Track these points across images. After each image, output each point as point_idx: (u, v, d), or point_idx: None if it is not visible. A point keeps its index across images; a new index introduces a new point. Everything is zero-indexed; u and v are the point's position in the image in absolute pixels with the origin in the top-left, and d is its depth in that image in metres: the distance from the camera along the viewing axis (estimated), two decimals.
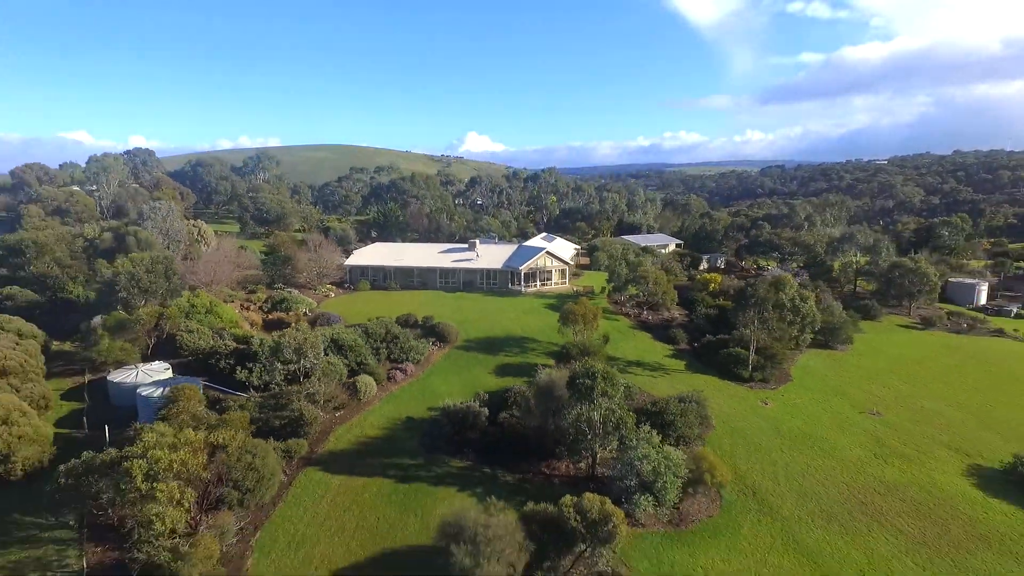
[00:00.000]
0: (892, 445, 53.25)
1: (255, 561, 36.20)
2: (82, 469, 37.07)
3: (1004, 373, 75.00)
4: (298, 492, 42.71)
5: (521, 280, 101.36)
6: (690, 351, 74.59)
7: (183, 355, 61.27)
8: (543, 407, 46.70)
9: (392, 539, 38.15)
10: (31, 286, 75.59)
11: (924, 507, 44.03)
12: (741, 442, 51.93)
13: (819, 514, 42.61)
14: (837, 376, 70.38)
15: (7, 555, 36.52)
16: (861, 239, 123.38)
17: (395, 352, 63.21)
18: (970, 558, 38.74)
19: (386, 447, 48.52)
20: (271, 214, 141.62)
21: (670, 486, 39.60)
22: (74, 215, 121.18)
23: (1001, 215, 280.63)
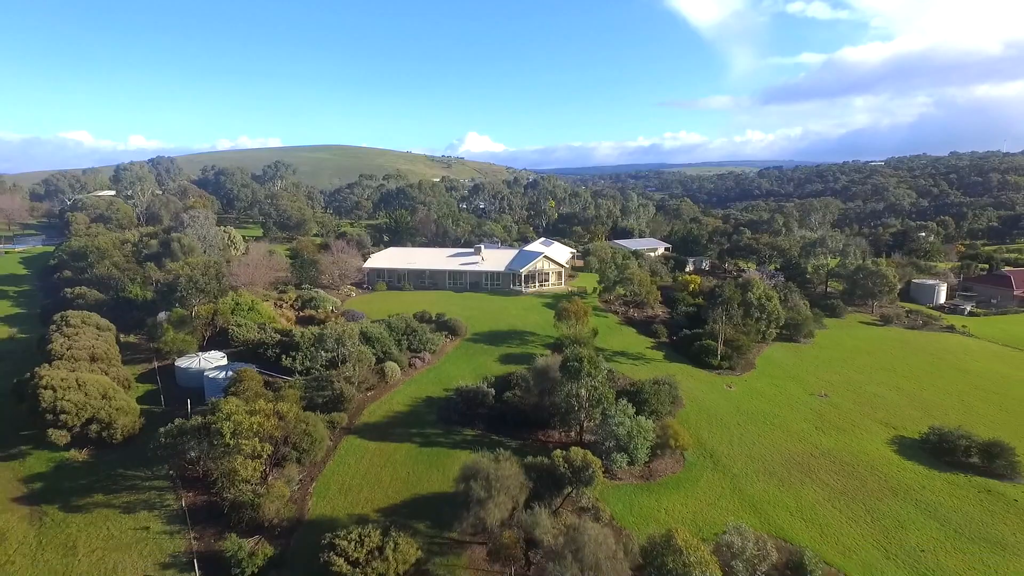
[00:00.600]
0: (832, 420, 62.21)
1: (314, 503, 45.15)
2: (177, 432, 46.06)
3: (944, 363, 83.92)
4: (342, 454, 51.66)
5: (521, 281, 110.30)
6: (669, 344, 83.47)
7: (234, 346, 70.22)
8: (540, 387, 55.62)
9: (420, 487, 47.11)
10: (95, 287, 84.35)
11: (849, 467, 52.98)
12: (705, 417, 60.88)
13: (762, 472, 51.56)
14: (796, 365, 79.24)
15: (119, 498, 45.48)
16: (831, 244, 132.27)
17: (414, 343, 72.16)
18: (879, 504, 47.70)
19: (411, 420, 57.48)
20: (292, 220, 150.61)
21: (641, 447, 48.59)
22: (115, 222, 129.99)
23: (985, 217, 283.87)
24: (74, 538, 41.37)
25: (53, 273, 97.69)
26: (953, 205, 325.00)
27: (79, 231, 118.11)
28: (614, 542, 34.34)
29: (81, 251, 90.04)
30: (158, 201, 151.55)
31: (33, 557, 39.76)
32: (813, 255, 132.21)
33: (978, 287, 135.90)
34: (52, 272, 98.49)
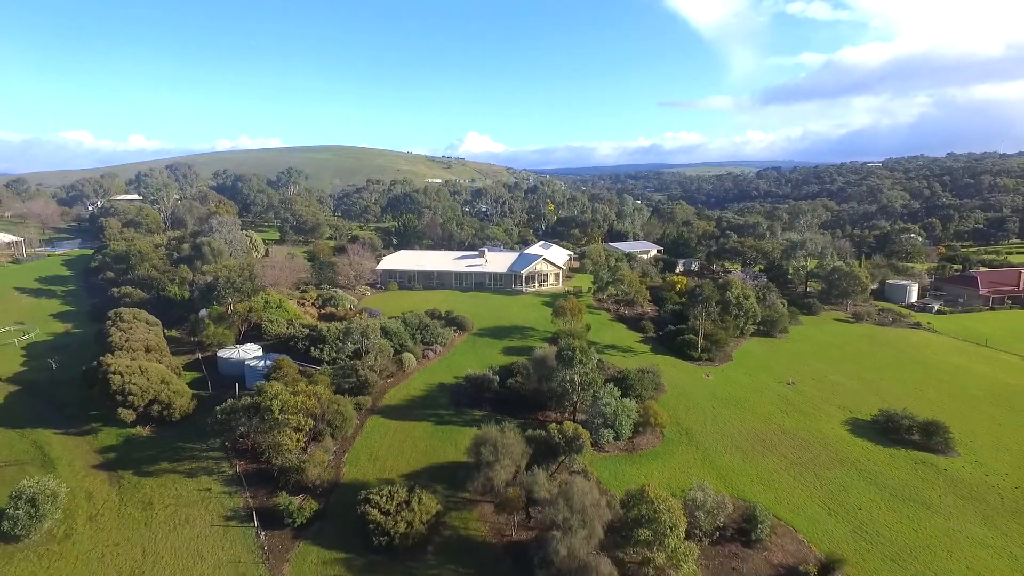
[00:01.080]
0: (796, 404, 69.40)
1: (347, 469, 52.31)
2: (230, 410, 53.19)
3: (905, 356, 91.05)
4: (368, 431, 58.82)
5: (522, 282, 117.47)
6: (655, 338, 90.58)
7: (266, 339, 77.37)
8: (538, 374, 62.79)
9: (436, 457, 54.29)
10: (137, 286, 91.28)
11: (805, 443, 60.16)
12: (684, 401, 68.04)
13: (730, 446, 58.72)
14: (769, 357, 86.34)
15: (182, 465, 52.66)
16: (811, 247, 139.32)
17: (427, 337, 79.31)
18: (827, 472, 54.87)
19: (426, 402, 64.66)
20: (307, 224, 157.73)
21: (625, 424, 55.76)
22: (144, 227, 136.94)
23: (972, 220, 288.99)
24: (149, 496, 48.58)
25: (95, 274, 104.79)
26: (943, 207, 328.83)
27: (113, 235, 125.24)
28: (599, 494, 41.58)
29: (123, 255, 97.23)
30: (182, 206, 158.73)
31: (118, 511, 46.98)
32: (794, 257, 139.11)
33: (948, 287, 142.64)
34: (94, 273, 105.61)
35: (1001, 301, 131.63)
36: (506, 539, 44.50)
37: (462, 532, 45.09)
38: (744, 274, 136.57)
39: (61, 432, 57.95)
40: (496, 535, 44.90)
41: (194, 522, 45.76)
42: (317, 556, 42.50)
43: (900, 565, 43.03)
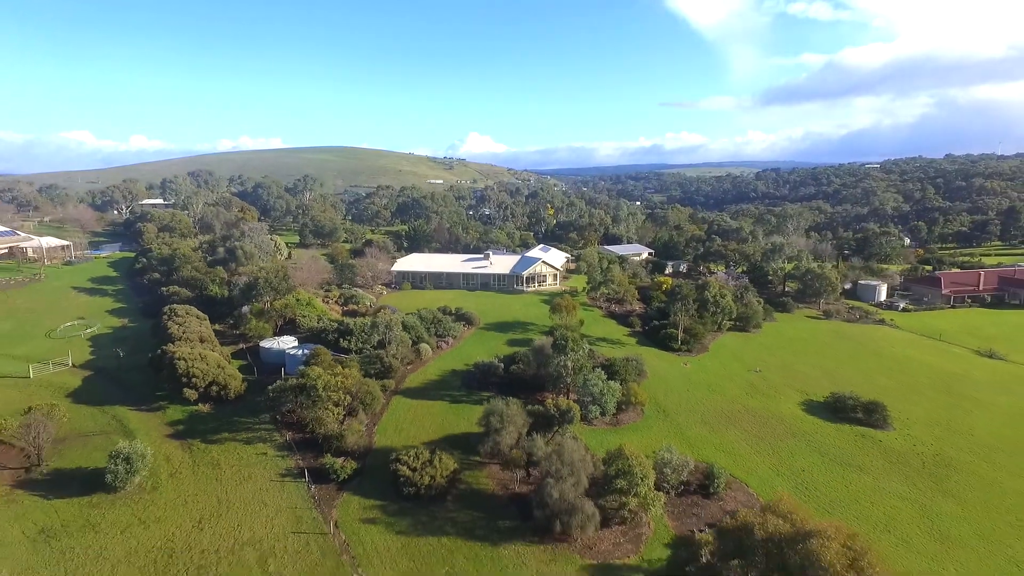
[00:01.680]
0: (760, 388, 78.28)
1: (378, 438, 61.23)
2: (279, 389, 62.17)
3: (864, 349, 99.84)
4: (393, 408, 67.73)
5: (523, 282, 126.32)
6: (642, 332, 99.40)
7: (300, 332, 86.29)
8: (537, 361, 71.65)
9: (451, 429, 63.17)
10: (182, 286, 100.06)
11: (764, 420, 69.03)
12: (663, 385, 76.90)
13: (699, 421, 67.60)
14: (742, 349, 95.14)
15: (240, 435, 61.59)
16: (788, 250, 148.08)
17: (440, 330, 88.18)
18: (780, 442, 63.75)
19: (441, 385, 73.59)
20: (325, 229, 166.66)
21: (609, 402, 64.64)
22: (178, 231, 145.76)
23: (958, 222, 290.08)
24: (216, 459, 57.58)
25: (139, 275, 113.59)
26: (932, 210, 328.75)
27: (150, 239, 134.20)
28: (585, 452, 50.52)
29: (168, 258, 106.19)
30: (210, 212, 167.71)
31: (192, 470, 55.99)
32: (773, 260, 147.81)
33: (915, 287, 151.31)
34: (138, 274, 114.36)
35: (962, 300, 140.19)
36: (510, 491, 53.40)
37: (474, 486, 54.02)
38: (727, 275, 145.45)
39: (134, 408, 67.01)
40: (502, 488, 53.82)
41: (255, 478, 54.74)
42: (358, 503, 51.47)
43: (830, 512, 51.80)
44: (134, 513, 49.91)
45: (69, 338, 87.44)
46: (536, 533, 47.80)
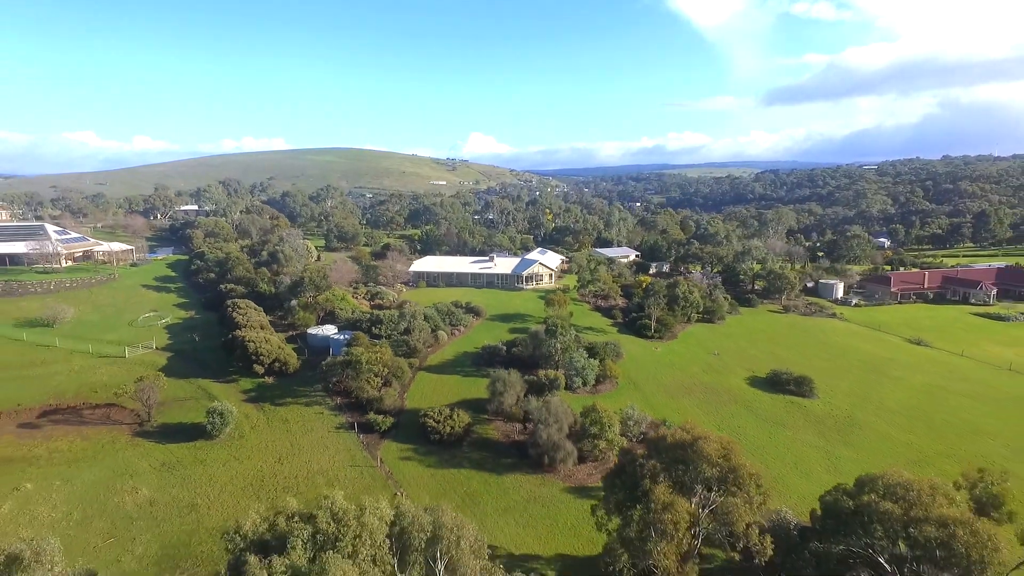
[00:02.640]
0: (715, 367, 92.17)
1: (408, 401, 75.29)
2: (331, 364, 76.28)
3: (811, 337, 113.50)
4: (418, 380, 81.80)
5: (523, 281, 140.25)
6: (623, 323, 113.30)
7: (338, 322, 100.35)
8: (533, 344, 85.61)
9: (465, 395, 77.11)
10: (236, 284, 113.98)
11: (715, 391, 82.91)
12: (635, 364, 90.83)
13: (662, 391, 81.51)
14: (706, 337, 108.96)
15: (300, 400, 75.73)
16: (756, 253, 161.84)
17: (453, 320, 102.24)
18: (724, 407, 77.63)
19: (456, 363, 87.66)
20: (348, 234, 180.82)
21: (590, 375, 78.65)
22: (220, 236, 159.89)
23: (936, 224, 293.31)
24: (284, 416, 71.75)
25: (195, 275, 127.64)
26: (916, 212, 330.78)
27: (199, 244, 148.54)
28: (566, 407, 64.60)
29: (222, 260, 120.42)
30: (247, 220, 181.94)
31: (267, 424, 70.14)
32: (743, 261, 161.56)
33: (869, 285, 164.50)
34: (194, 274, 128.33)
35: (908, 297, 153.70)
36: (511, 439, 67.46)
37: (483, 435, 68.09)
38: (702, 275, 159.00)
39: (213, 380, 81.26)
40: (504, 437, 67.89)
41: (316, 430, 68.89)
42: (396, 447, 65.57)
43: (753, 454, 65.45)
44: (230, 453, 64.13)
45: (148, 327, 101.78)
46: (530, 467, 61.91)
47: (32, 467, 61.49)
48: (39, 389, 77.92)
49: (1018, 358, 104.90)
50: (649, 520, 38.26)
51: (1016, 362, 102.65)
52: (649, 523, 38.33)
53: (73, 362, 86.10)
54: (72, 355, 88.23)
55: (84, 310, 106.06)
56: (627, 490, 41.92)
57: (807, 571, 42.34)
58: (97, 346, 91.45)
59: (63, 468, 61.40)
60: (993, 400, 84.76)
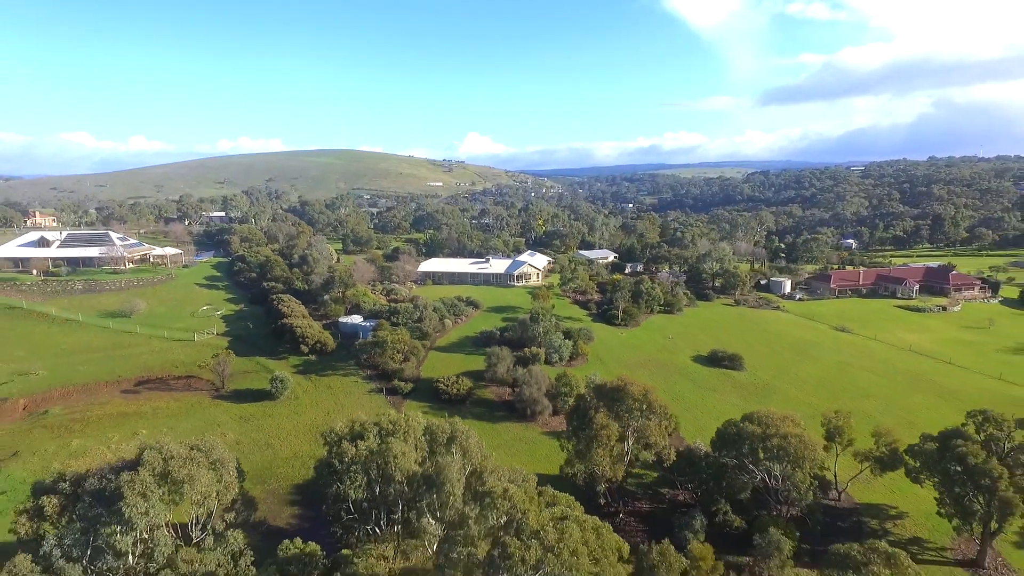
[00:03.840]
0: (668, 348, 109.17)
1: (423, 372, 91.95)
2: (363, 344, 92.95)
3: (754, 325, 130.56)
4: (430, 358, 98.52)
5: (514, 279, 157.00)
6: (596, 313, 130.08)
7: (363, 312, 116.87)
8: (521, 329, 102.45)
9: (467, 368, 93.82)
10: (276, 282, 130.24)
11: (664, 365, 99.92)
12: (603, 346, 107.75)
13: (622, 366, 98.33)
14: (665, 325, 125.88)
15: (338, 372, 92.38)
16: (716, 254, 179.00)
17: (456, 311, 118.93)
18: (670, 377, 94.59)
19: (459, 345, 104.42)
20: (362, 238, 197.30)
21: (565, 352, 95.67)
22: (253, 241, 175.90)
23: (900, 226, 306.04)
24: (327, 384, 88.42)
25: (237, 275, 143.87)
26: (886, 214, 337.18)
27: (237, 248, 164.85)
28: (545, 375, 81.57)
29: (262, 263, 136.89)
30: (274, 227, 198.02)
31: (315, 389, 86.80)
32: (705, 262, 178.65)
33: (813, 282, 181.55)
34: (236, 274, 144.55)
35: (845, 292, 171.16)
36: (502, 399, 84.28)
37: (481, 396, 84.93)
38: (669, 274, 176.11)
39: (268, 358, 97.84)
40: (497, 397, 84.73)
41: (353, 393, 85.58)
42: (416, 404, 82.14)
43: (687, 411, 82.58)
44: (289, 409, 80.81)
45: (207, 317, 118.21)
46: (517, 418, 78.77)
47: (142, 419, 78.06)
48: (131, 365, 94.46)
49: (919, 341, 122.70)
50: (592, 436, 55.22)
51: (916, 344, 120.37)
52: (592, 438, 55.30)
53: (153, 344, 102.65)
54: (151, 339, 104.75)
55: (152, 304, 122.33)
56: (580, 419, 58.84)
57: (704, 474, 59.48)
58: (169, 332, 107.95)
59: (165, 420, 77.96)
60: (885, 373, 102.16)
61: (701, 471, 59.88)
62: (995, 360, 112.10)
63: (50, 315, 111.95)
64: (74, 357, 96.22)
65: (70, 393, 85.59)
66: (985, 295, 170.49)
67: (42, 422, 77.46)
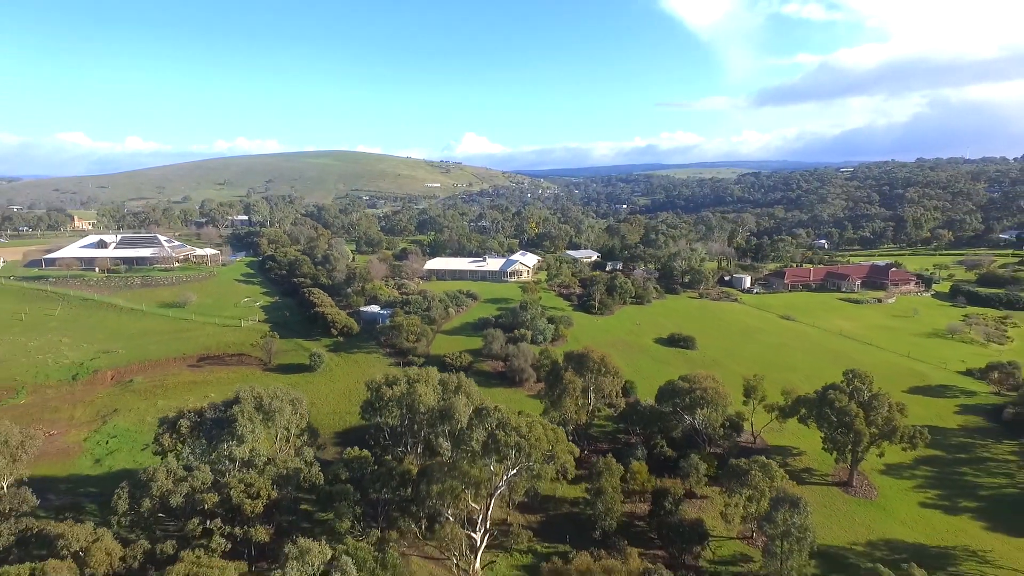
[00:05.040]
0: (635, 332, 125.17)
1: (432, 350, 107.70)
2: (383, 328, 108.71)
3: (711, 314, 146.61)
4: (437, 339, 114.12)
5: (508, 276, 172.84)
6: (577, 304, 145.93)
7: (379, 302, 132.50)
8: (512, 316, 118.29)
9: (468, 347, 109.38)
10: (304, 278, 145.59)
11: (630, 345, 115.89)
12: (581, 329, 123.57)
13: (596, 346, 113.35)
14: (635, 314, 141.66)
15: (362, 350, 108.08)
16: (684, 254, 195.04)
17: (458, 302, 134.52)
18: (633, 355, 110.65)
19: (461, 329, 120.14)
20: (374, 240, 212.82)
21: (548, 334, 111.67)
22: (279, 243, 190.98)
23: (870, 228, 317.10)
24: (355, 360, 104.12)
25: (269, 272, 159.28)
26: (860, 216, 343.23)
27: (265, 248, 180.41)
28: (531, 351, 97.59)
29: (292, 262, 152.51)
30: (295, 230, 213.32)
31: (346, 363, 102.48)
32: (674, 261, 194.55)
33: (770, 278, 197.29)
34: (268, 271, 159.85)
35: (797, 287, 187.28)
36: (496, 370, 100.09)
37: (479, 368, 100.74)
38: (643, 271, 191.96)
39: (304, 339, 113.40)
40: (493, 370, 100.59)
41: (376, 366, 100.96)
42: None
43: (646, 380, 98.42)
44: (326, 378, 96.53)
45: (248, 307, 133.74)
46: (508, 384, 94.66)
47: (208, 386, 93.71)
48: (192, 345, 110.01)
49: (849, 327, 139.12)
50: (562, 389, 71.22)
51: (846, 330, 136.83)
52: (563, 390, 71.30)
53: (207, 329, 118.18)
54: (204, 325, 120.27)
55: (200, 296, 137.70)
56: (554, 378, 74.86)
57: (647, 419, 75.58)
58: (219, 319, 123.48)
59: (227, 386, 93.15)
60: (813, 352, 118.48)
61: (645, 417, 76.06)
62: (908, 342, 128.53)
63: (118, 306, 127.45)
64: (144, 339, 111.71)
65: (147, 367, 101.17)
66: (919, 289, 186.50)
67: (130, 388, 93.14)
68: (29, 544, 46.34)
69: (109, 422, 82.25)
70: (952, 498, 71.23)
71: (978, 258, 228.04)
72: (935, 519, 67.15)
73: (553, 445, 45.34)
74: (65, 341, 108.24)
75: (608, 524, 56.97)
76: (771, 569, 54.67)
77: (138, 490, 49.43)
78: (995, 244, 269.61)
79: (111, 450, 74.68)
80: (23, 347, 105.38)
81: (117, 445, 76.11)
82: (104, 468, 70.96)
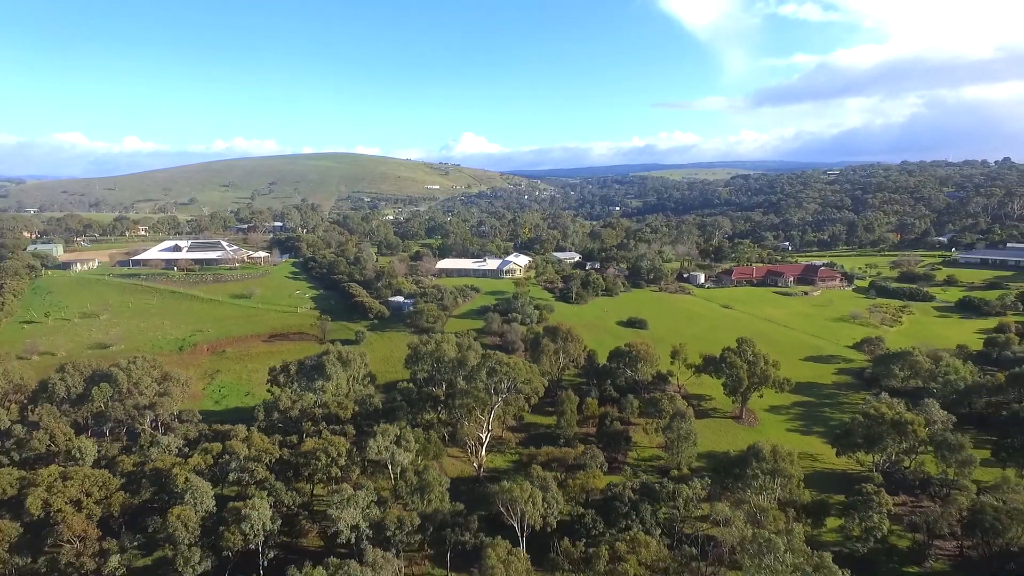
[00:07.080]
0: (602, 316, 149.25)
1: (446, 327, 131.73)
2: (409, 312, 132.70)
3: (667, 304, 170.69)
4: (449, 321, 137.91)
5: (504, 273, 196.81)
6: (559, 296, 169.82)
7: (402, 294, 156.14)
8: (507, 304, 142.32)
9: (473, 327, 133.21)
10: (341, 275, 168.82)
11: (597, 327, 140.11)
12: (561, 315, 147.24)
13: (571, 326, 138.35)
14: (605, 303, 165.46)
15: (395, 330, 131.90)
16: (649, 256, 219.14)
17: (464, 294, 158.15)
18: (599, 333, 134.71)
19: (467, 314, 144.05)
20: (391, 243, 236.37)
21: (534, 318, 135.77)
22: (316, 246, 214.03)
23: (829, 231, 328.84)
24: (388, 336, 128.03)
25: (311, 270, 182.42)
26: (825, 221, 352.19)
27: (305, 251, 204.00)
28: (520, 329, 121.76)
29: (331, 262, 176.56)
30: (326, 235, 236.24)
31: (380, 338, 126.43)
32: (641, 261, 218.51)
33: (721, 275, 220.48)
34: (310, 270, 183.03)
35: (742, 283, 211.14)
36: (494, 344, 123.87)
37: (483, 342, 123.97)
38: (616, 270, 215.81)
39: (347, 322, 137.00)
40: (492, 342, 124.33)
41: (405, 340, 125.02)
42: None
43: (605, 349, 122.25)
44: (368, 348, 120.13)
45: (299, 298, 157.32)
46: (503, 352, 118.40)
47: (281, 355, 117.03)
48: (263, 326, 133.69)
49: (775, 314, 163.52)
50: (540, 350, 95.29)
51: (772, 316, 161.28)
52: (540, 351, 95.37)
53: (271, 314, 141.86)
54: (268, 311, 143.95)
55: (261, 290, 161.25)
56: (534, 345, 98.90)
57: (600, 373, 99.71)
58: (279, 307, 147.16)
59: (295, 355, 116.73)
60: (739, 331, 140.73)
61: (599, 372, 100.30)
62: (819, 325, 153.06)
63: (199, 297, 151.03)
64: (226, 322, 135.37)
65: (232, 342, 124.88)
66: (842, 284, 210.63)
67: (224, 356, 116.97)
68: (207, 438, 70.27)
69: (216, 379, 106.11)
70: (809, 426, 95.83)
71: (907, 258, 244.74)
72: (793, 437, 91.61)
73: (530, 375, 69.36)
74: (166, 323, 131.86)
75: (568, 434, 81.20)
76: (671, 462, 79.07)
77: (270, 407, 73.27)
78: (932, 247, 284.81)
79: (224, 395, 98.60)
80: (137, 327, 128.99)
81: (227, 392, 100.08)
82: (222, 407, 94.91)
